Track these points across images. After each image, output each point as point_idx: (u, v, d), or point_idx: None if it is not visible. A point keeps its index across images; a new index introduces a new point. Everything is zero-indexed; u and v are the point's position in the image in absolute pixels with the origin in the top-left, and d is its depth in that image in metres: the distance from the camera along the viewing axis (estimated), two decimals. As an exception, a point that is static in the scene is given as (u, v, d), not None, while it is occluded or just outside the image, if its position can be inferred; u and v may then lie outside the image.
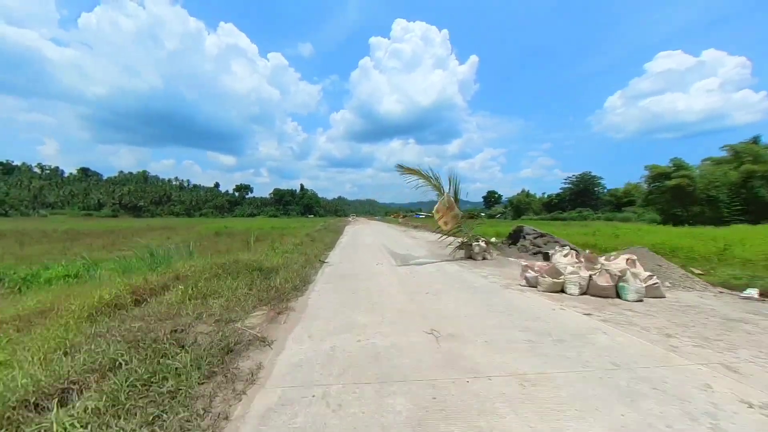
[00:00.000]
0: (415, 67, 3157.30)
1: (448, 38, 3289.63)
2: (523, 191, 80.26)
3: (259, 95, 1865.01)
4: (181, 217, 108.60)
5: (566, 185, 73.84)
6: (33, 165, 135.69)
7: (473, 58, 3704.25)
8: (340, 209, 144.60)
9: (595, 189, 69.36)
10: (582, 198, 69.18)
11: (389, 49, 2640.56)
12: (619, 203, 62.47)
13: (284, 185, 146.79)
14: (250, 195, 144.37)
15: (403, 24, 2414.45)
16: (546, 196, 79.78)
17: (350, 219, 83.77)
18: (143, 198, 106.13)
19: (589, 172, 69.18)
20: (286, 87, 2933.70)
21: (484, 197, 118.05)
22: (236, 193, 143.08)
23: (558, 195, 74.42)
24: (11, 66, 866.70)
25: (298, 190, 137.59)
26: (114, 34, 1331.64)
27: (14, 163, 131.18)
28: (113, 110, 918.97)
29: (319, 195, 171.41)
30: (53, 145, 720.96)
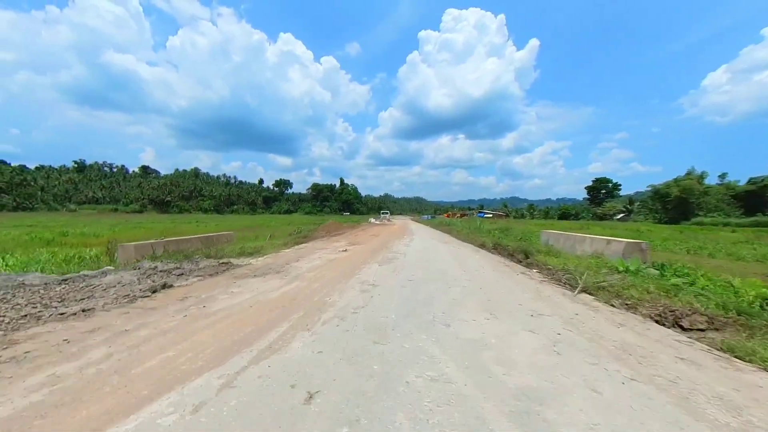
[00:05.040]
0: (467, 58, 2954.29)
1: (504, 23, 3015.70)
2: (689, 173, 44.03)
3: (312, 98, 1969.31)
4: (209, 213, 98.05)
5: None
6: (101, 164, 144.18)
7: (533, 42, 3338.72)
8: (384, 207, 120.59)
9: None
10: None
11: (439, 41, 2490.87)
12: None
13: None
14: (289, 191, 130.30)
15: (455, 14, 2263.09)
16: (741, 182, 42.62)
17: (375, 221, 46.68)
18: (171, 193, 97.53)
19: None
20: (336, 89, 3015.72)
21: (588, 188, 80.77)
22: (276, 189, 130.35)
23: (784, 175, 37.33)
24: (119, 87, 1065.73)
25: (337, 185, 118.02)
26: (193, 52, 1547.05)
27: (86, 162, 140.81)
28: (193, 120, 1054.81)
29: (367, 193, 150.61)
30: (151, 153, 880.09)
